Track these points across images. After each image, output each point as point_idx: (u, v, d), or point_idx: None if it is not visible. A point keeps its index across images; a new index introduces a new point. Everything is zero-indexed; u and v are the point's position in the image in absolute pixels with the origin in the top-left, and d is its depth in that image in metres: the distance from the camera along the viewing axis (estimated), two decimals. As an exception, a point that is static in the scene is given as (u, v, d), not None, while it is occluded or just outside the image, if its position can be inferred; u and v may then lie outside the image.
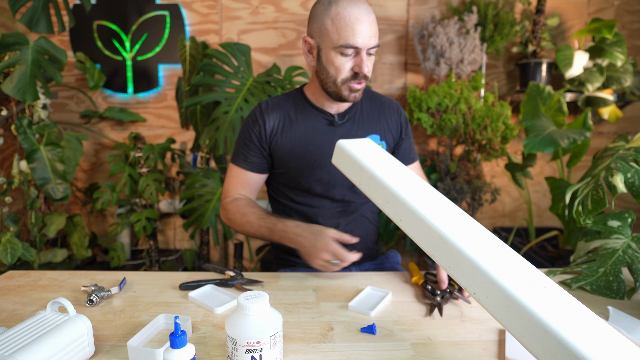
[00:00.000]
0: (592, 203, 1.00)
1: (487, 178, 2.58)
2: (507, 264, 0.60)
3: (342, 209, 1.16)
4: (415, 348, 0.71)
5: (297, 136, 1.10)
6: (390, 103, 1.20)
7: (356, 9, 0.96)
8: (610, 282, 0.92)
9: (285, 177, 1.14)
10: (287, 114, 1.11)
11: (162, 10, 2.42)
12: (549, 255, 2.26)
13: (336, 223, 1.15)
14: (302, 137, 1.10)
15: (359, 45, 0.97)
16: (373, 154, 0.84)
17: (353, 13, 0.96)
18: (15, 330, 0.63)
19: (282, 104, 1.13)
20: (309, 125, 1.10)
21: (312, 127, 1.10)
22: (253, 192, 1.17)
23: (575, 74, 2.27)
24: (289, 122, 1.11)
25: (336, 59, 1.00)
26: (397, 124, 1.19)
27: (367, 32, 0.96)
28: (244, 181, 1.14)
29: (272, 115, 1.11)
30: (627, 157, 1.03)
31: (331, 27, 0.98)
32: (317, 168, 1.10)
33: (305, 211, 1.15)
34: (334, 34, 0.98)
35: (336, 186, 1.12)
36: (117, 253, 2.22)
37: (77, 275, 1.01)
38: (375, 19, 1.00)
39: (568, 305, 0.54)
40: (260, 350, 0.60)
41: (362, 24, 0.96)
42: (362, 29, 0.96)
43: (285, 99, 1.14)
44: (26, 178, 2.01)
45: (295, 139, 1.10)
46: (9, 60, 1.73)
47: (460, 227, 0.66)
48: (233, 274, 0.97)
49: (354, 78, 1.01)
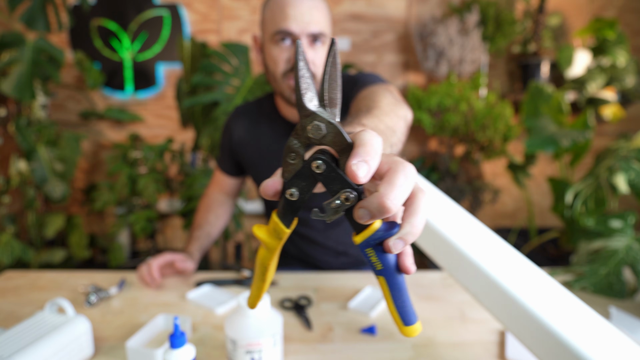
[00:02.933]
0: (594, 203, 1.00)
1: (488, 178, 2.57)
2: (509, 264, 0.60)
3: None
4: (415, 349, 0.71)
5: (260, 144, 1.04)
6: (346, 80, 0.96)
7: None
8: (612, 283, 0.92)
9: (257, 183, 1.10)
10: (254, 121, 1.06)
11: (161, 10, 2.41)
12: (550, 256, 2.25)
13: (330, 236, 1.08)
14: (264, 145, 1.04)
15: (293, 29, 0.85)
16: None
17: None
18: (13, 332, 0.63)
19: (251, 110, 1.08)
20: (273, 137, 1.03)
21: (276, 138, 1.02)
22: (228, 193, 1.17)
23: (577, 73, 2.26)
24: (253, 130, 1.05)
25: (272, 50, 0.89)
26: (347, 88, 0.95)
27: (304, 16, 0.85)
28: (219, 183, 1.16)
29: (239, 123, 1.07)
30: (629, 157, 1.02)
31: (268, 15, 0.89)
32: None
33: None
34: (269, 22, 0.88)
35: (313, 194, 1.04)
36: (116, 253, 2.22)
37: (76, 275, 1.00)
38: (322, 6, 0.88)
39: (570, 306, 0.54)
40: (260, 351, 0.60)
41: (297, 7, 0.85)
42: (297, 13, 0.85)
43: (255, 104, 1.09)
44: (25, 178, 2.00)
45: (258, 146, 1.04)
46: (7, 60, 1.72)
47: (461, 227, 0.66)
48: (248, 274, 0.98)
49: (291, 71, 0.89)
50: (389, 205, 0.29)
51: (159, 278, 0.93)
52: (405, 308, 0.35)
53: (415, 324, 0.35)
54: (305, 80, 0.31)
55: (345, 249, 1.11)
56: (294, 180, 0.33)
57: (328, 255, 1.10)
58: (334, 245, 1.09)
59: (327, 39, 0.90)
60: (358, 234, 0.33)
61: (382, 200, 0.29)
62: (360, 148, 0.31)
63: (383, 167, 0.33)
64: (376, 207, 0.30)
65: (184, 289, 0.94)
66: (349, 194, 0.31)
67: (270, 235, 0.36)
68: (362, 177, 0.30)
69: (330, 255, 1.10)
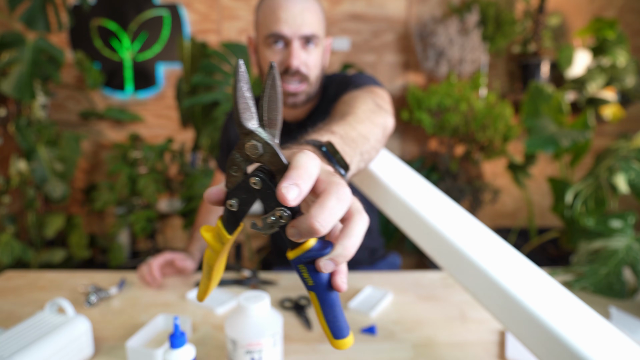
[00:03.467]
0: (594, 203, 1.00)
1: (488, 178, 2.57)
2: (509, 264, 0.60)
3: None
4: (415, 349, 0.71)
5: None
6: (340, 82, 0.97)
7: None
8: (612, 283, 0.92)
9: None
10: None
11: (161, 10, 2.41)
12: (551, 256, 2.25)
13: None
14: None
15: (285, 32, 0.85)
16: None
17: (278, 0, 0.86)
18: (13, 332, 0.63)
19: None
20: None
21: None
22: None
23: (577, 73, 2.26)
24: None
25: (265, 52, 0.89)
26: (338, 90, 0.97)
27: (296, 18, 0.85)
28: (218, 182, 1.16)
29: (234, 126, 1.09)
30: (630, 157, 1.02)
31: (260, 18, 0.89)
32: None
33: None
34: (262, 25, 0.89)
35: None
36: (116, 253, 2.22)
37: (76, 275, 1.00)
38: (314, 7, 0.88)
39: (570, 306, 0.54)
40: (260, 351, 0.60)
41: (289, 10, 0.85)
42: (289, 15, 0.85)
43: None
44: (25, 178, 2.00)
45: None
46: (7, 60, 1.72)
47: (461, 227, 0.66)
48: (249, 274, 0.98)
49: (285, 74, 0.88)
50: (318, 227, 0.30)
51: (159, 277, 0.93)
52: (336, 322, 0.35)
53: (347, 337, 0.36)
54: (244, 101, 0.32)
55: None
56: (235, 191, 0.34)
57: None
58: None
59: (321, 40, 0.91)
60: (291, 250, 0.34)
61: (311, 222, 0.30)
62: (293, 171, 0.31)
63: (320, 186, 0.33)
64: (305, 228, 0.30)
65: (184, 289, 0.94)
66: (282, 212, 0.32)
67: (214, 238, 0.37)
68: (291, 200, 0.30)
69: None
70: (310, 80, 0.90)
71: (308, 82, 0.90)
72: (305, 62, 0.88)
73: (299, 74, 0.88)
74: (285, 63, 0.88)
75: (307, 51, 0.88)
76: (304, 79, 0.89)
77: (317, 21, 0.88)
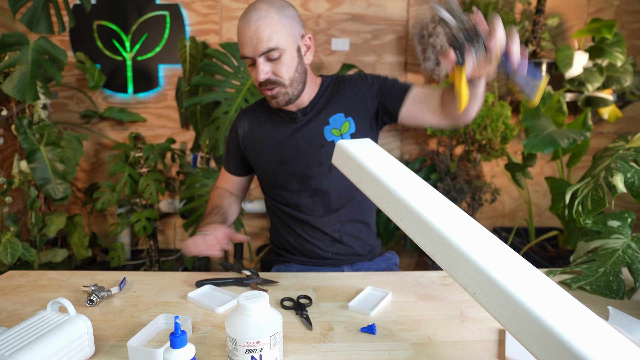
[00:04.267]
0: (592, 203, 1.00)
1: (487, 178, 2.58)
2: (507, 264, 0.60)
3: (325, 204, 1.14)
4: (415, 348, 0.72)
5: (265, 137, 1.15)
6: (352, 77, 1.16)
7: (243, 20, 0.99)
8: (610, 282, 0.92)
9: (263, 177, 1.20)
10: (257, 119, 1.18)
11: (162, 10, 2.42)
12: (549, 255, 2.26)
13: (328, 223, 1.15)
14: (269, 137, 1.15)
15: (247, 54, 1.00)
16: (373, 154, 0.84)
17: (240, 25, 1.00)
18: (15, 330, 0.63)
19: (255, 110, 1.20)
20: (274, 126, 1.15)
21: (277, 126, 1.14)
22: (236, 191, 1.28)
23: (575, 74, 2.27)
24: (258, 126, 1.17)
25: (249, 70, 1.06)
26: (366, 89, 1.13)
27: (253, 39, 0.98)
28: (227, 180, 1.27)
29: (243, 122, 1.19)
30: (627, 157, 1.03)
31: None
32: (286, 163, 1.13)
33: (293, 214, 1.16)
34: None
35: (312, 177, 1.12)
36: (117, 253, 2.22)
37: (77, 275, 1.01)
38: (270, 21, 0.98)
39: (568, 305, 0.54)
40: (260, 350, 0.60)
41: (246, 34, 0.98)
42: (247, 39, 0.98)
43: (260, 103, 1.21)
44: (26, 178, 2.01)
45: (263, 140, 1.15)
46: (9, 60, 1.73)
47: (460, 227, 0.66)
48: (249, 274, 0.98)
49: (260, 85, 1.04)
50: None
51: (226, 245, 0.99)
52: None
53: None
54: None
55: (340, 236, 1.16)
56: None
57: (324, 242, 1.16)
58: (330, 231, 1.15)
59: (286, 48, 1.00)
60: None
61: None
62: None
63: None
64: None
65: (184, 289, 0.94)
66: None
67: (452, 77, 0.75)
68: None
69: (327, 241, 1.16)
70: (284, 82, 1.03)
71: (281, 85, 1.03)
72: (273, 71, 1.01)
73: (270, 82, 1.02)
74: (257, 78, 1.02)
75: (273, 62, 1.01)
76: (276, 84, 1.03)
77: (275, 33, 0.98)
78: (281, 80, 1.02)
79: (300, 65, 1.05)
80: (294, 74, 1.04)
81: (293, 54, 1.02)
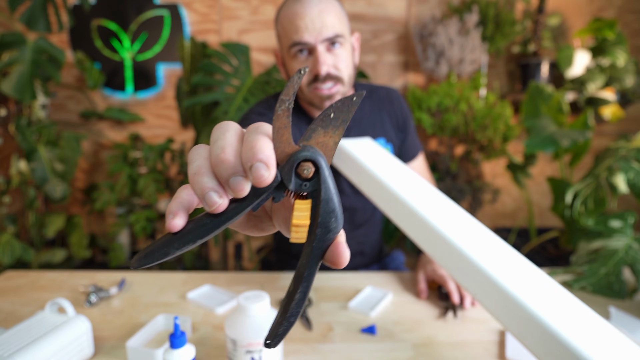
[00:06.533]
0: (593, 203, 1.00)
1: (487, 178, 2.57)
2: (508, 264, 0.60)
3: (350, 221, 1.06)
4: (415, 349, 0.71)
5: None
6: (389, 94, 1.06)
7: (298, 3, 0.84)
8: (612, 283, 0.92)
9: None
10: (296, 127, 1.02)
11: (161, 10, 2.41)
12: (550, 256, 2.25)
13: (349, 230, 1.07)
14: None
15: (306, 39, 0.84)
16: (374, 155, 0.83)
17: (294, 8, 0.85)
18: (14, 331, 0.63)
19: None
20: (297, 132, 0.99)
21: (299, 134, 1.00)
22: None
23: (577, 73, 2.26)
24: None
25: (292, 63, 0.88)
26: (401, 116, 1.05)
27: (315, 22, 0.83)
28: None
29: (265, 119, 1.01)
30: (629, 157, 1.02)
31: (280, 30, 0.88)
32: None
33: None
34: (284, 37, 0.88)
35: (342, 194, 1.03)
36: (117, 253, 2.22)
37: (76, 275, 1.00)
38: (333, 7, 0.85)
39: (569, 306, 0.54)
40: (260, 351, 0.60)
41: (306, 17, 0.83)
42: (307, 22, 0.83)
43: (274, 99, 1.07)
44: (25, 178, 2.00)
45: None
46: (8, 60, 1.72)
47: (461, 227, 0.66)
48: None
49: (315, 81, 0.87)
50: None
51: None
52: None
53: None
54: None
55: (362, 248, 1.11)
56: None
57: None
58: (354, 244, 1.08)
59: (346, 38, 0.88)
60: None
61: None
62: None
63: None
64: None
65: (184, 289, 0.94)
66: None
67: None
68: None
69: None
70: (343, 80, 0.88)
71: (342, 83, 0.89)
72: (333, 64, 0.86)
73: (330, 77, 0.87)
74: (313, 71, 0.86)
75: (333, 53, 0.86)
76: (337, 80, 0.88)
77: (339, 20, 0.86)
78: (341, 76, 0.88)
79: (353, 64, 0.92)
80: (352, 71, 0.91)
81: (349, 49, 0.90)
